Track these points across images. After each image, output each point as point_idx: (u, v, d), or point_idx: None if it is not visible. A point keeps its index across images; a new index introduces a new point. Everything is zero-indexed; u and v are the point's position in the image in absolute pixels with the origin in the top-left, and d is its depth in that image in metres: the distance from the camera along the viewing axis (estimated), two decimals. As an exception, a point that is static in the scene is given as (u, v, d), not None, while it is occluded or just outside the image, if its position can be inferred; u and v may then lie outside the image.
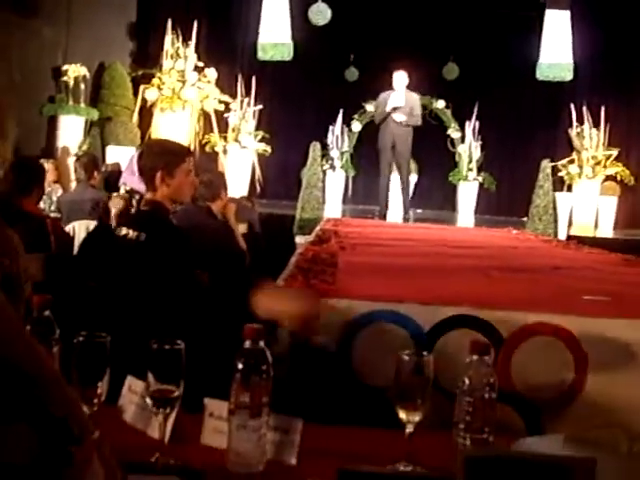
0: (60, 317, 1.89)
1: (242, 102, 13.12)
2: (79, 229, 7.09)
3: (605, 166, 13.48)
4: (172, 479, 1.58)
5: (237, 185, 12.10)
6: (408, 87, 11.41)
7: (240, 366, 1.61)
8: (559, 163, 13.14)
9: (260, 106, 13.34)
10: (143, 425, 1.84)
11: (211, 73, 12.62)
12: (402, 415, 1.66)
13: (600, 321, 3.27)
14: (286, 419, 1.72)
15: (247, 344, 1.61)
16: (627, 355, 3.20)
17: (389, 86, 11.45)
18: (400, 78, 11.40)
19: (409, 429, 1.68)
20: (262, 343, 1.62)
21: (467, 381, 1.62)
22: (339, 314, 3.13)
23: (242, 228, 7.22)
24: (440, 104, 14.31)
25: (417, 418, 1.66)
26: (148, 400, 1.62)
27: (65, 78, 11.97)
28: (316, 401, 2.67)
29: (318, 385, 2.86)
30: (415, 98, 11.52)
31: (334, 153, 13.95)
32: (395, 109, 10.97)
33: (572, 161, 13.53)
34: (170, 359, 1.62)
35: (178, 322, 1.81)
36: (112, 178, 9.32)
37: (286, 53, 13.16)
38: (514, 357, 3.16)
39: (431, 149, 14.47)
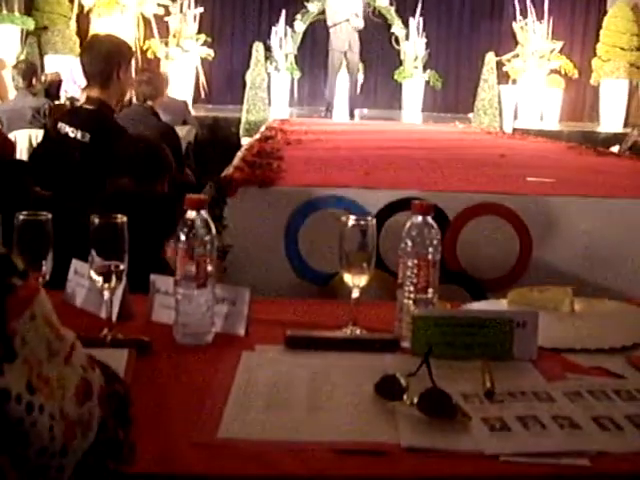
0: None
1: (182, 5, 12.82)
2: (21, 138, 6.95)
3: (549, 59, 13.45)
4: (122, 352, 1.58)
5: (181, 91, 11.90)
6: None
7: (183, 237, 1.59)
8: (503, 57, 13.07)
9: (201, 9, 13.04)
10: (93, 307, 1.82)
11: (148, -25, 12.30)
12: (348, 279, 1.67)
13: (544, 199, 3.31)
14: (233, 290, 1.71)
15: (189, 214, 1.59)
16: (570, 232, 3.24)
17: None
18: None
19: (355, 294, 1.68)
20: (204, 213, 1.60)
21: (410, 242, 1.62)
22: (285, 201, 3.14)
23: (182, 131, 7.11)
24: (383, 2, 14.07)
25: (363, 282, 1.67)
26: (93, 274, 1.60)
27: (-4, -14, 11.59)
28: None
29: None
30: (360, 1, 11.60)
31: (278, 55, 13.70)
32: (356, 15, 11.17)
33: (516, 56, 13.48)
34: (112, 234, 1.60)
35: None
36: (53, 87, 9.12)
37: (225, -47, 12.87)
38: (460, 238, 3.19)
39: (376, 48, 14.32)
